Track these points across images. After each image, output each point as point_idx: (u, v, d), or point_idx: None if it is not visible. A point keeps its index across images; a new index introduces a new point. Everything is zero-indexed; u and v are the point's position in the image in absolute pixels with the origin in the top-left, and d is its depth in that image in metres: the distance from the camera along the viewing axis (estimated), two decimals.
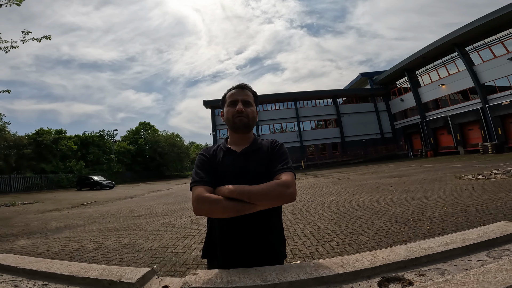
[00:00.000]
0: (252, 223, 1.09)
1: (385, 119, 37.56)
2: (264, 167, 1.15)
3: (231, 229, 1.10)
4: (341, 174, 17.61)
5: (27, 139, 29.99)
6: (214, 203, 1.02)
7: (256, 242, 1.11)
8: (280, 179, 1.06)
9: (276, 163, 1.14)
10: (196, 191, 1.07)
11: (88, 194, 19.77)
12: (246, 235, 1.10)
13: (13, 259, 1.27)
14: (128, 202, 12.16)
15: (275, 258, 1.14)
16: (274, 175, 1.10)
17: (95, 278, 1.01)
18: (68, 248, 4.67)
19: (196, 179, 1.12)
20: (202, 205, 1.03)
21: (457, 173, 10.42)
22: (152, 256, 3.86)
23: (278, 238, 1.19)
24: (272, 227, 1.16)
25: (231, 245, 1.11)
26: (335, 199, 7.47)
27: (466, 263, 0.90)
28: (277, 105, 37.89)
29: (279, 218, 1.22)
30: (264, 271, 0.98)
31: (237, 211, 1.00)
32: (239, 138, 1.26)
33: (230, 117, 1.23)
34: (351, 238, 3.87)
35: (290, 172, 1.10)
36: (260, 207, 1.02)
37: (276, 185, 1.02)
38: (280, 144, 1.25)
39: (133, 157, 42.60)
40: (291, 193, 1.03)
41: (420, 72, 30.95)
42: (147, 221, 6.73)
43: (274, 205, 1.05)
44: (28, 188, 27.17)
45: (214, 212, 1.04)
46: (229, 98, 1.27)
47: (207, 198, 1.04)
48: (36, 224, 7.62)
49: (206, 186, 1.09)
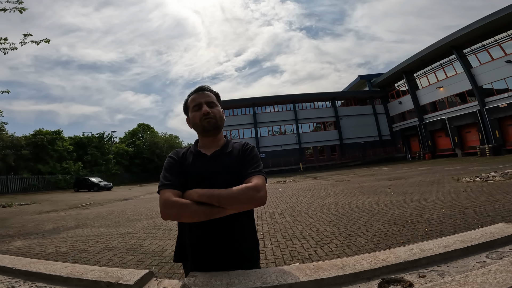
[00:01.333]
0: (222, 226, 1.06)
1: (383, 121, 37.73)
2: (235, 171, 1.13)
3: (201, 233, 1.08)
4: (339, 176, 17.63)
5: (25, 140, 29.85)
6: (183, 207, 1.00)
7: (226, 245, 1.08)
8: (250, 183, 1.04)
9: (247, 167, 1.12)
10: (164, 195, 1.05)
11: (85, 195, 19.69)
12: (216, 239, 1.08)
13: (9, 260, 1.26)
14: (125, 204, 12.11)
15: (247, 262, 1.11)
16: (244, 178, 1.08)
17: (92, 279, 1.00)
18: (65, 249, 4.64)
19: (164, 182, 1.09)
20: (169, 210, 1.01)
21: (455, 175, 10.45)
22: (150, 258, 3.84)
23: (249, 241, 1.16)
24: (242, 231, 1.13)
25: (201, 249, 1.09)
26: (334, 201, 7.47)
27: (466, 264, 0.90)
28: (276, 107, 37.96)
29: (250, 221, 1.19)
30: (263, 273, 0.97)
31: (206, 215, 0.99)
32: (209, 141, 1.23)
33: (198, 121, 1.20)
34: (349, 240, 3.87)
35: (261, 176, 1.09)
36: (230, 211, 1.00)
37: (247, 189, 1.01)
38: (252, 147, 1.22)
39: (131, 158, 42.47)
40: (261, 196, 1.02)
41: (418, 74, 31.14)
42: (145, 222, 6.70)
43: (244, 209, 1.03)
44: (25, 189, 26.99)
45: (182, 217, 1.02)
46: (192, 103, 1.24)
47: (175, 202, 1.01)
48: (32, 225, 7.58)
49: (174, 190, 1.06)
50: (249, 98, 37.82)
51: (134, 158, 42.89)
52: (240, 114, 37.05)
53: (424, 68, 29.98)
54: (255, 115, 36.78)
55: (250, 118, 36.77)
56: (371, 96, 38.43)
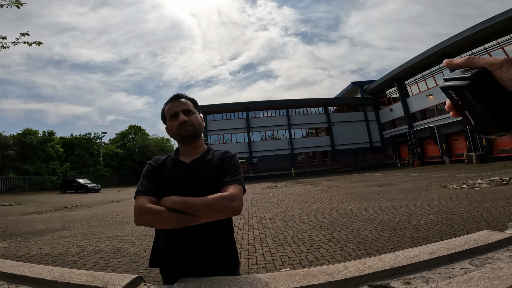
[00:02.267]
0: (197, 234, 1.06)
1: (375, 128, 38.28)
2: (213, 179, 1.12)
3: (175, 240, 1.08)
4: (330, 182, 17.76)
5: (12, 139, 29.11)
6: (156, 214, 0.99)
7: (200, 252, 1.08)
8: (225, 192, 1.03)
9: (225, 175, 1.11)
10: (138, 202, 1.04)
11: (72, 197, 19.29)
12: (190, 246, 1.07)
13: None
14: (114, 206, 11.91)
15: (223, 269, 1.10)
16: (221, 187, 1.07)
17: (79, 284, 0.99)
18: (49, 251, 4.53)
19: (140, 189, 1.09)
20: (143, 216, 1.01)
21: (442, 182, 10.66)
22: (139, 262, 3.78)
23: (225, 249, 1.15)
24: (219, 239, 1.12)
25: (174, 255, 1.09)
26: (325, 206, 7.52)
27: (450, 271, 0.92)
28: (269, 112, 38.10)
29: (228, 229, 1.18)
30: (253, 280, 0.98)
31: (179, 223, 0.98)
32: (188, 148, 1.23)
33: (175, 130, 1.20)
34: (339, 245, 3.90)
35: (237, 185, 1.08)
36: (204, 219, 0.99)
37: (221, 198, 1.00)
38: (232, 155, 1.21)
39: (121, 160, 41.79)
40: (235, 206, 1.01)
41: (409, 82, 31.71)
42: (133, 225, 6.58)
43: (217, 218, 1.02)
44: (10, 190, 26.28)
45: (155, 223, 1.02)
46: (168, 112, 1.23)
47: (148, 209, 1.01)
48: (16, 226, 7.39)
49: (149, 196, 1.06)
50: (243, 103, 37.89)
51: (125, 160, 42.23)
52: (233, 118, 37.05)
53: (415, 76, 30.52)
54: (248, 120, 36.81)
55: (243, 122, 36.79)
56: (363, 103, 38.99)
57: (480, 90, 0.44)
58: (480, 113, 0.44)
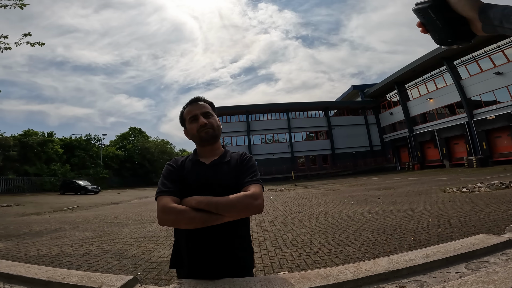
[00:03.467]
0: (218, 234, 1.08)
1: (375, 132, 38.30)
2: (233, 180, 1.15)
3: (198, 240, 1.09)
4: (330, 185, 17.73)
5: (13, 140, 29.11)
6: (180, 213, 1.01)
7: (222, 253, 1.10)
8: (248, 191, 1.07)
9: (245, 175, 1.15)
10: (162, 201, 1.06)
11: (71, 198, 19.23)
12: (212, 246, 1.09)
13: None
14: (113, 208, 11.89)
15: (242, 269, 1.13)
16: (242, 187, 1.11)
17: (74, 284, 0.99)
18: (47, 252, 4.52)
19: (162, 189, 1.10)
20: (167, 216, 1.02)
21: (442, 186, 10.64)
22: (136, 264, 3.76)
23: (245, 249, 1.19)
24: (239, 238, 1.16)
25: (197, 256, 1.10)
26: (324, 210, 7.50)
27: (445, 275, 0.92)
28: (270, 115, 38.17)
29: (247, 229, 1.21)
30: (249, 282, 0.98)
31: (203, 222, 1.00)
32: (207, 150, 1.25)
33: (195, 133, 1.22)
34: (338, 248, 3.88)
35: (258, 184, 1.12)
36: (227, 218, 1.02)
37: (244, 197, 1.03)
38: (249, 156, 1.25)
39: (121, 162, 41.75)
40: (258, 204, 1.04)
41: (410, 85, 31.74)
42: (132, 227, 6.58)
43: (241, 216, 1.05)
44: (9, 190, 26.21)
45: (180, 223, 1.03)
46: (188, 115, 1.26)
47: (173, 208, 1.02)
48: (15, 227, 7.38)
49: (172, 196, 1.08)
50: (243, 106, 38.03)
51: (125, 162, 42.20)
52: (233, 121, 37.09)
53: (415, 79, 30.56)
54: (248, 123, 36.88)
55: (244, 125, 36.85)
56: (363, 106, 39.05)
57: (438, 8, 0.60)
58: (440, 26, 0.62)
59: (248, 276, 1.10)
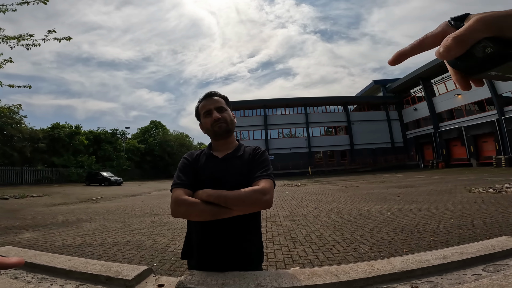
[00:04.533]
0: (228, 227, 1.10)
1: (397, 128, 36.98)
2: (244, 174, 1.16)
3: (207, 232, 1.12)
4: (348, 182, 17.42)
5: (42, 133, 30.71)
6: (191, 205, 1.03)
7: (230, 246, 1.12)
8: (257, 186, 1.07)
9: (256, 170, 1.15)
10: (175, 193, 1.09)
11: (96, 189, 20.07)
12: (221, 239, 1.11)
13: (15, 252, 1.31)
14: (134, 200, 12.30)
15: (250, 263, 1.15)
16: (252, 181, 1.11)
17: (93, 273, 1.04)
18: (71, 242, 4.72)
19: (176, 181, 1.14)
20: (179, 207, 1.05)
21: (467, 185, 10.17)
22: (153, 255, 3.89)
23: (254, 243, 1.19)
24: (248, 233, 1.17)
25: (206, 248, 1.13)
26: (340, 206, 7.40)
27: (460, 277, 0.89)
28: (287, 109, 37.80)
29: (256, 224, 1.22)
30: (258, 276, 0.99)
31: (213, 215, 1.02)
32: (221, 144, 1.27)
33: (209, 127, 1.24)
34: (352, 246, 3.83)
35: (268, 179, 1.11)
36: (236, 212, 1.03)
37: (253, 192, 1.03)
38: (262, 151, 1.25)
39: (142, 155, 43.02)
40: (266, 200, 1.04)
41: (436, 81, 30.37)
42: (151, 219, 6.80)
43: (250, 211, 1.06)
44: (38, 181, 27.73)
45: (190, 215, 1.06)
46: (202, 109, 1.28)
47: (185, 200, 1.05)
48: (42, 217, 7.70)
49: (185, 189, 1.10)
50: (261, 100, 37.84)
51: (145, 155, 43.48)
52: (251, 115, 37.10)
53: (443, 75, 29.22)
54: (265, 117, 36.75)
55: (261, 119, 36.77)
56: (385, 101, 37.76)
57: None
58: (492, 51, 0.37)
59: (257, 270, 1.11)
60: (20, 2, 4.60)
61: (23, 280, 1.04)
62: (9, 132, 26.99)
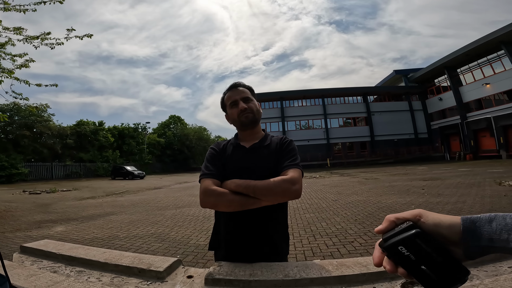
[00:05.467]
0: (256, 218, 1.09)
1: (420, 118, 35.51)
2: (273, 163, 1.14)
3: (235, 223, 1.12)
4: (368, 174, 17.04)
5: (69, 130, 32.20)
6: (220, 196, 1.03)
7: (258, 237, 1.11)
8: (286, 175, 1.05)
9: (284, 159, 1.13)
10: (204, 184, 1.09)
11: (121, 183, 20.81)
12: (249, 230, 1.11)
13: (53, 245, 1.36)
14: (156, 193, 12.66)
15: (277, 255, 1.14)
16: (281, 171, 1.09)
17: (126, 265, 1.08)
18: (100, 235, 4.90)
19: (205, 172, 1.14)
20: (208, 198, 1.05)
21: (497, 178, 9.65)
22: (176, 247, 4.01)
23: (281, 235, 1.19)
24: (276, 224, 1.16)
25: (233, 239, 1.13)
26: (361, 199, 7.26)
27: (497, 269, 0.86)
28: (304, 101, 37.35)
29: (284, 215, 1.21)
30: (286, 267, 0.99)
31: (241, 205, 1.01)
32: (248, 134, 1.26)
33: (236, 117, 1.24)
34: (375, 239, 3.74)
35: (297, 169, 1.09)
36: (265, 203, 1.02)
37: (282, 181, 1.02)
38: (289, 140, 1.23)
39: (162, 149, 44.11)
40: (296, 189, 1.02)
41: (462, 70, 28.88)
42: (173, 211, 6.99)
43: (278, 201, 1.05)
44: (67, 176, 29.17)
45: (219, 205, 1.06)
46: (228, 101, 1.27)
47: (213, 190, 1.05)
48: (73, 211, 7.95)
49: (214, 179, 1.10)
50: (277, 92, 37.56)
51: (165, 149, 44.57)
52: (268, 107, 36.93)
53: (469, 64, 27.73)
54: (282, 109, 36.48)
55: (278, 112, 36.54)
56: (407, 92, 36.28)
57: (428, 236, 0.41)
58: (440, 260, 0.39)
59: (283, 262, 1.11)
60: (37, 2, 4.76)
61: (62, 273, 1.09)
62: (38, 130, 28.41)
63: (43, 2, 4.80)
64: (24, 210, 8.16)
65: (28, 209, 8.46)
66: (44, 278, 0.99)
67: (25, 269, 1.08)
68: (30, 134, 26.70)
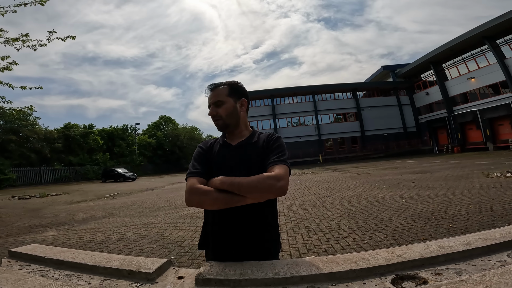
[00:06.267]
0: (243, 216, 1.08)
1: (409, 113, 36.22)
2: (259, 160, 1.13)
3: (222, 222, 1.11)
4: (360, 169, 17.25)
5: (56, 133, 31.50)
6: (204, 194, 1.02)
7: (246, 236, 1.10)
8: (271, 172, 1.03)
9: (271, 156, 1.12)
10: (189, 182, 1.08)
11: (112, 186, 20.50)
12: (236, 229, 1.09)
13: (41, 250, 1.33)
14: (149, 194, 12.53)
15: (266, 253, 1.12)
16: (267, 167, 1.08)
17: (116, 268, 1.06)
18: (93, 238, 4.84)
19: (191, 170, 1.13)
20: (193, 196, 1.04)
21: (485, 170, 9.91)
22: (170, 248, 3.98)
23: (270, 233, 1.17)
24: (264, 222, 1.14)
25: (221, 238, 1.12)
26: (353, 194, 7.35)
27: (486, 263, 0.86)
28: (295, 98, 37.53)
29: (273, 213, 1.19)
30: (276, 265, 0.99)
31: (226, 203, 1.00)
32: (230, 134, 1.26)
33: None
34: (368, 234, 3.80)
35: (283, 165, 1.07)
36: (250, 200, 1.00)
37: (267, 178, 1.00)
38: (277, 137, 1.21)
39: (153, 150, 43.67)
40: (281, 186, 1.00)
41: (447, 65, 29.62)
42: (166, 213, 6.93)
43: (264, 198, 1.03)
44: (57, 180, 28.65)
45: (204, 203, 1.05)
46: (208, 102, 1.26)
47: (198, 189, 1.04)
48: (64, 215, 7.80)
49: (199, 177, 1.09)
50: (268, 90, 37.60)
51: (157, 150, 44.14)
52: (258, 105, 36.95)
53: (454, 59, 28.47)
54: (273, 107, 36.59)
55: (269, 109, 36.63)
56: (395, 87, 36.92)
57: None
58: None
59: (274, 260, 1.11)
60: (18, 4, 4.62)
61: (50, 277, 1.07)
62: (24, 134, 27.74)
63: (23, 4, 4.66)
64: (14, 216, 8.00)
65: (18, 214, 8.30)
66: (32, 282, 0.97)
67: (13, 274, 1.05)
68: (16, 139, 26.02)
